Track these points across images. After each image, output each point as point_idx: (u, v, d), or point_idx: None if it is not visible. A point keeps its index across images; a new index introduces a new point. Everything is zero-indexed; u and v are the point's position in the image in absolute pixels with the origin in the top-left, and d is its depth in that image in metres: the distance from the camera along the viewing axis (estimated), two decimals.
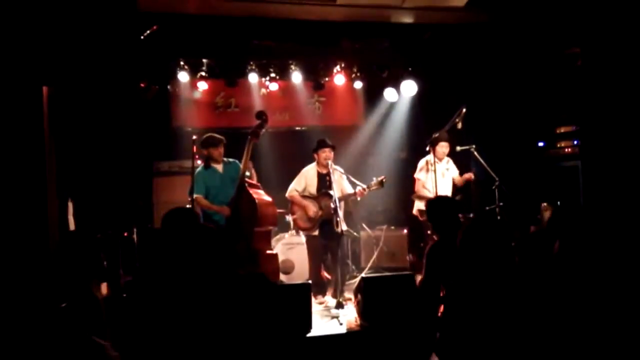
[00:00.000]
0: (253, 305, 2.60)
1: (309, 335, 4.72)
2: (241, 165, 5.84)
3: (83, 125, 7.24)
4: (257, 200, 5.65)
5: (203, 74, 7.61)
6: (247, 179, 5.82)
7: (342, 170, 6.34)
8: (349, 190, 6.27)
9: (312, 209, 6.20)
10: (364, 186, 6.15)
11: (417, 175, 6.72)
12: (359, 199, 6.35)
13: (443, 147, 6.49)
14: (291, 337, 4.58)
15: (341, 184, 6.26)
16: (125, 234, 6.66)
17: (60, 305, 3.00)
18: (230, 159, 6.07)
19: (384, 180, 6.10)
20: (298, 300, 4.78)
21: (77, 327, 3.15)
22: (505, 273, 2.76)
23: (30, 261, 4.35)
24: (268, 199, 5.83)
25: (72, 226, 6.20)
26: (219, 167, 5.99)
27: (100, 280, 4.65)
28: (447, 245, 3.90)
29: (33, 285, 4.02)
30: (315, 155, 6.30)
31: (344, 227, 5.90)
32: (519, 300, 2.81)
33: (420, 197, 6.62)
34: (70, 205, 6.25)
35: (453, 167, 6.70)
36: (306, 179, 6.32)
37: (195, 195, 5.80)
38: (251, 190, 5.73)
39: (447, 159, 6.69)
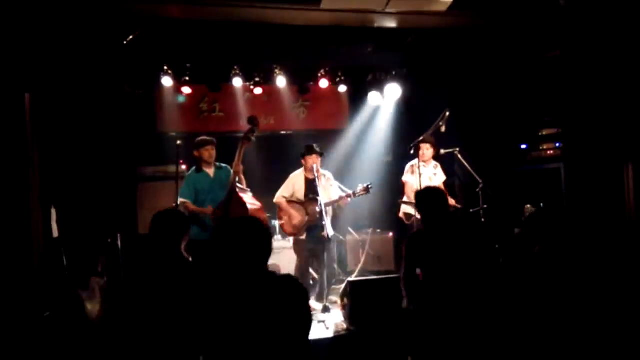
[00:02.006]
0: (284, 306, 2.59)
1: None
2: (232, 170, 5.82)
3: (66, 131, 7.18)
4: (247, 205, 5.64)
5: (187, 78, 7.60)
6: (237, 184, 5.80)
7: (330, 176, 6.38)
8: (336, 196, 6.30)
9: (298, 217, 6.22)
10: (349, 192, 6.18)
11: (404, 178, 6.76)
12: (344, 206, 6.38)
13: (426, 150, 6.53)
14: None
15: (329, 190, 6.27)
16: (109, 240, 6.62)
17: (43, 314, 2.97)
18: (222, 164, 6.05)
19: (369, 186, 6.13)
20: None
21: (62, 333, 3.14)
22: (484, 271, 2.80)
23: (14, 268, 4.30)
24: (258, 204, 5.82)
25: (55, 233, 6.15)
26: (210, 172, 5.98)
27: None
28: (428, 236, 3.97)
29: (16, 293, 3.98)
30: (303, 161, 6.32)
31: (330, 232, 5.92)
32: (499, 298, 2.85)
33: (407, 202, 6.65)
34: (53, 212, 6.20)
35: (441, 173, 6.73)
36: (294, 185, 6.35)
37: (182, 200, 5.79)
38: (242, 195, 5.72)
39: (435, 163, 6.72)
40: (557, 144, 6.48)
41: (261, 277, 2.66)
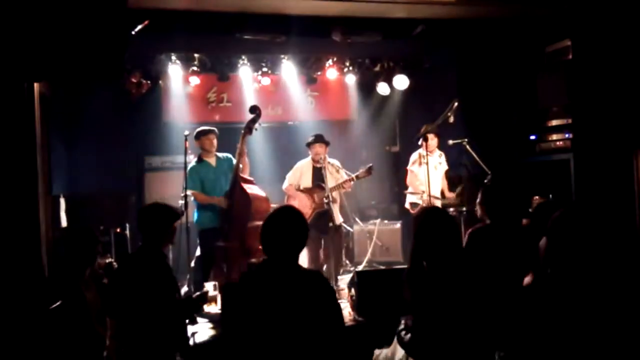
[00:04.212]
0: (312, 296, 2.62)
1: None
2: (234, 160, 5.85)
3: (75, 121, 7.21)
4: (250, 195, 5.65)
5: (195, 68, 7.61)
6: (241, 174, 5.82)
7: (338, 165, 6.38)
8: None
9: (304, 204, 6.26)
10: (352, 175, 6.20)
11: (409, 167, 6.75)
12: (348, 189, 6.38)
13: (433, 140, 6.53)
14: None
15: (336, 178, 6.29)
16: (118, 230, 6.66)
17: (52, 305, 2.98)
18: (224, 154, 6.09)
19: (371, 167, 6.13)
20: None
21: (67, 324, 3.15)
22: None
23: (22, 258, 4.33)
24: (262, 193, 5.83)
25: (64, 223, 6.19)
26: (212, 161, 6.03)
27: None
28: (493, 232, 3.73)
29: (24, 283, 4.00)
30: (309, 150, 6.37)
31: (339, 220, 5.96)
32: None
33: (413, 192, 6.64)
34: (62, 201, 6.23)
35: (444, 163, 6.74)
36: (301, 172, 6.41)
37: (191, 191, 5.82)
38: (245, 185, 5.73)
39: (439, 152, 6.72)
40: (567, 135, 6.42)
41: (292, 271, 2.68)
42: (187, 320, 3.73)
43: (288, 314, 2.57)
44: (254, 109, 5.91)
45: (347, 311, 5.22)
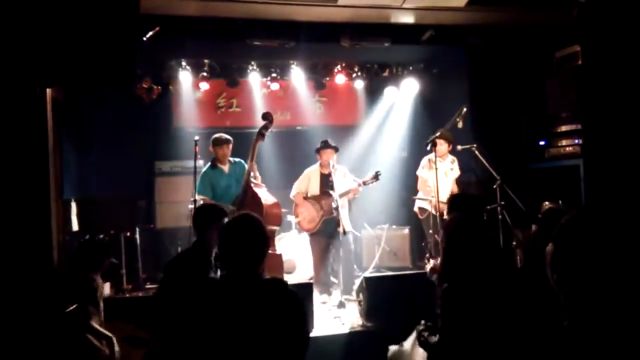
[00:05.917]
0: (272, 311, 2.47)
1: (310, 335, 4.73)
2: (247, 165, 5.87)
3: (86, 126, 7.28)
4: (262, 200, 5.68)
5: (205, 74, 7.66)
6: (252, 180, 5.84)
7: (345, 170, 6.40)
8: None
9: (313, 212, 6.31)
10: (360, 181, 6.22)
11: (419, 172, 6.74)
12: (356, 195, 6.39)
13: (442, 145, 6.52)
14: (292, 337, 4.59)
15: (344, 184, 6.29)
16: (128, 234, 6.70)
17: (65, 308, 3.01)
18: (236, 159, 6.12)
19: (378, 174, 6.14)
20: None
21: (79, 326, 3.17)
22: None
23: (34, 261, 4.37)
24: (273, 199, 5.86)
25: (75, 227, 6.24)
26: (225, 168, 6.05)
27: (104, 280, 4.70)
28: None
29: (36, 286, 4.05)
30: (318, 155, 6.38)
31: (347, 227, 5.97)
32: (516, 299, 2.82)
33: (422, 198, 6.64)
34: (73, 205, 6.29)
35: (456, 169, 6.71)
36: (308, 179, 6.42)
37: (199, 197, 5.85)
38: (257, 190, 5.76)
39: (452, 158, 6.70)
40: (577, 141, 6.40)
41: (251, 284, 2.52)
42: None
43: (248, 328, 2.43)
44: (266, 116, 5.94)
45: (355, 316, 5.24)
